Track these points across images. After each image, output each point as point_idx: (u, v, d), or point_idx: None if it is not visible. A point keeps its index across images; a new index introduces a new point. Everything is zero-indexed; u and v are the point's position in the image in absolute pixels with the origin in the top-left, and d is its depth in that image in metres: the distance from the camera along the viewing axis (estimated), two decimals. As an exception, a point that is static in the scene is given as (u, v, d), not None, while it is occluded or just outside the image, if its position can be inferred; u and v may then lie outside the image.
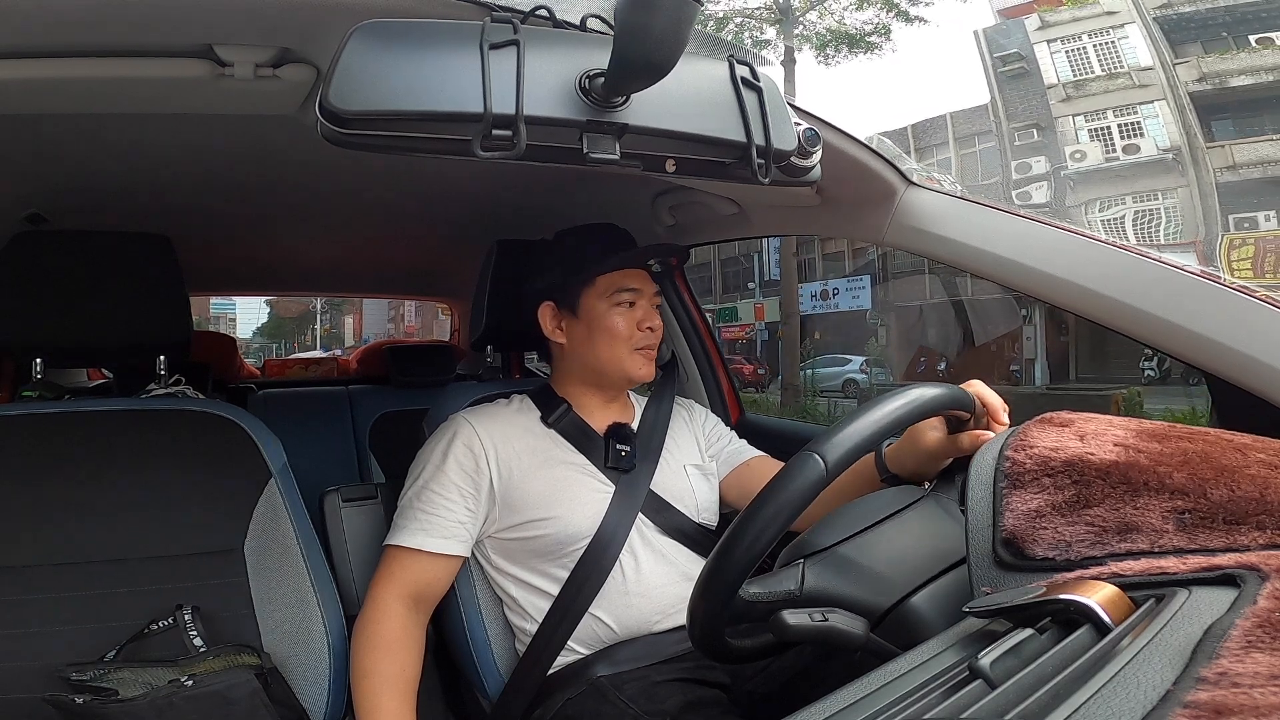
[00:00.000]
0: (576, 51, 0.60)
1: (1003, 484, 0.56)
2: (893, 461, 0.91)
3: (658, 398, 1.15)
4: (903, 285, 14.37)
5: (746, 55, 0.67)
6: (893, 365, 13.24)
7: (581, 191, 1.37)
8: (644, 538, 1.01)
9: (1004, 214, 0.92)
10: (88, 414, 1.01)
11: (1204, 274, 0.77)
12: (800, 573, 0.66)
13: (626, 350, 1.03)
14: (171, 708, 0.80)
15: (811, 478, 0.61)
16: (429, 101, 0.55)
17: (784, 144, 0.67)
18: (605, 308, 1.03)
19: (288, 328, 28.00)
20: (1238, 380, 0.72)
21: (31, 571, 0.91)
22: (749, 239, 2.73)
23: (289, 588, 0.98)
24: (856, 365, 13.16)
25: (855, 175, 0.95)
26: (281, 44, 0.73)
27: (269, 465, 1.03)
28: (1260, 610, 0.37)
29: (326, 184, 1.32)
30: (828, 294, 15.20)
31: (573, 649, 0.98)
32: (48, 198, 1.24)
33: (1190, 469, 0.53)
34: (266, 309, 24.95)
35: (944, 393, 0.73)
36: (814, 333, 15.35)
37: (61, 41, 0.70)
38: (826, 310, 15.14)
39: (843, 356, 13.71)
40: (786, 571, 0.67)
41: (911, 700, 0.40)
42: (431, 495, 0.98)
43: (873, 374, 12.73)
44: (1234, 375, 0.72)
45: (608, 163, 0.61)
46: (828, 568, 0.67)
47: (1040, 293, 0.87)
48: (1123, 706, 0.33)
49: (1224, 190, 11.76)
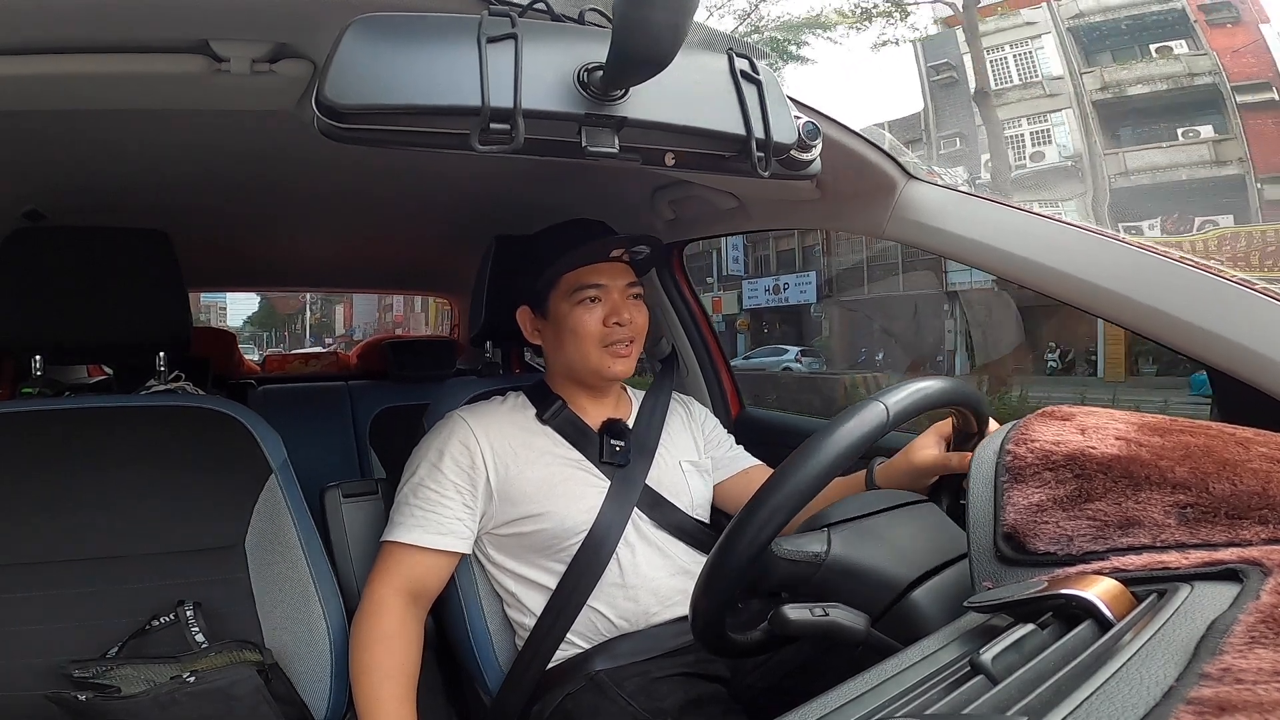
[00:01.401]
0: (575, 45, 0.59)
1: (1004, 478, 0.56)
2: (882, 476, 0.94)
3: (655, 393, 1.15)
4: (843, 280, 15.46)
5: (746, 49, 0.67)
6: (832, 355, 14.38)
7: (580, 186, 1.36)
8: (640, 532, 1.01)
9: (1005, 208, 0.92)
10: (88, 410, 1.01)
11: (1205, 268, 0.76)
12: (828, 536, 0.67)
13: (595, 349, 1.01)
14: (174, 704, 0.80)
15: (873, 421, 0.63)
16: (427, 96, 0.55)
17: (783, 137, 0.66)
18: (568, 308, 1.01)
19: (278, 318, 28.80)
20: (1240, 374, 0.72)
21: (32, 568, 0.91)
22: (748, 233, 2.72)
23: (290, 583, 0.98)
24: (793, 355, 14.26)
25: (855, 169, 0.95)
26: (278, 39, 0.73)
27: (269, 461, 1.03)
28: (1263, 605, 0.37)
29: (325, 179, 1.31)
30: (779, 289, 16.17)
31: (572, 642, 0.98)
32: (46, 194, 1.24)
33: (1192, 463, 0.52)
34: (257, 299, 25.40)
35: (979, 396, 0.79)
36: (764, 325, 16.59)
37: (58, 37, 0.70)
38: (777, 304, 16.22)
39: (781, 347, 14.98)
40: (813, 535, 0.67)
41: (913, 695, 0.40)
42: (427, 492, 0.98)
43: (806, 363, 13.89)
44: (1236, 369, 0.72)
45: (606, 156, 0.61)
46: (855, 535, 0.68)
47: (1041, 286, 0.87)
48: (1125, 702, 0.33)
49: (1116, 196, 12.31)
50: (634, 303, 1.04)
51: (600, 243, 1.01)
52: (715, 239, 12.05)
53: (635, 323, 1.03)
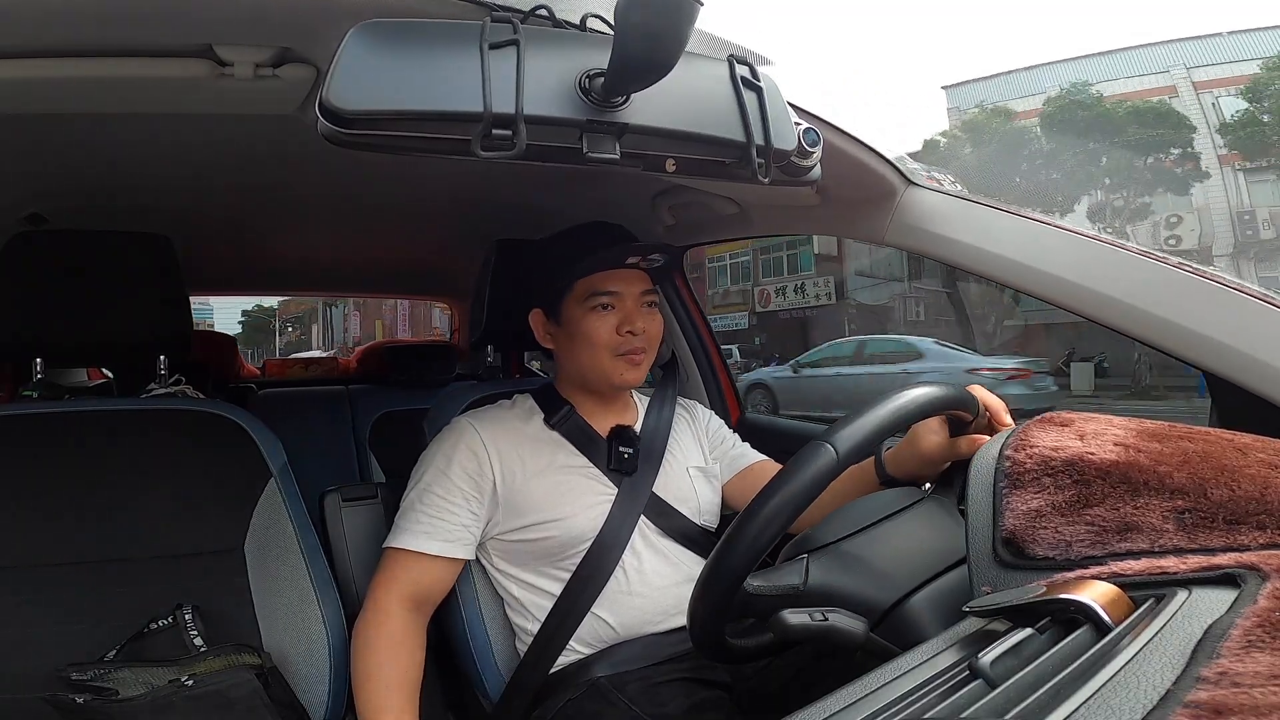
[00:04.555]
0: (576, 51, 0.60)
1: (1003, 483, 0.56)
2: (892, 464, 0.92)
3: (660, 399, 1.15)
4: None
5: (747, 55, 0.67)
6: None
7: (582, 191, 1.37)
8: (646, 540, 1.01)
9: (1005, 214, 0.92)
10: (88, 414, 1.01)
11: (1205, 273, 0.76)
12: (804, 567, 0.66)
13: (608, 356, 1.00)
14: (172, 707, 0.80)
15: (823, 467, 0.61)
16: (429, 101, 0.55)
17: (784, 143, 0.67)
18: (582, 313, 1.00)
19: (258, 337, 30.67)
20: (1238, 380, 0.72)
21: (31, 571, 0.91)
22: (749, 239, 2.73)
23: (289, 587, 0.98)
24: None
25: (855, 175, 0.95)
26: (281, 43, 0.73)
27: (269, 465, 1.03)
28: (1260, 610, 0.37)
29: (327, 184, 1.32)
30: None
31: (574, 649, 0.98)
32: (47, 198, 1.24)
33: (1190, 469, 0.52)
34: (239, 322, 27.32)
35: (951, 392, 0.74)
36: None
37: (61, 41, 0.70)
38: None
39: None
40: (791, 566, 0.67)
41: (911, 700, 0.40)
42: (434, 498, 0.97)
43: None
44: (1234, 375, 0.72)
45: (607, 162, 0.61)
46: (833, 563, 0.67)
47: (1041, 292, 0.87)
48: (1123, 706, 0.33)
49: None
50: (648, 311, 1.02)
51: (618, 249, 0.99)
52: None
53: (649, 332, 1.01)
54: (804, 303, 17.37)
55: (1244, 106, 13.21)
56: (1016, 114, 15.22)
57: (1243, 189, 13.45)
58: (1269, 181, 13.26)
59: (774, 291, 17.92)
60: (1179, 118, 13.76)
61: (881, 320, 15.29)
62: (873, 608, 0.63)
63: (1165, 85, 14.45)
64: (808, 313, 17.15)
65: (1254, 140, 13.07)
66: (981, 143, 15.17)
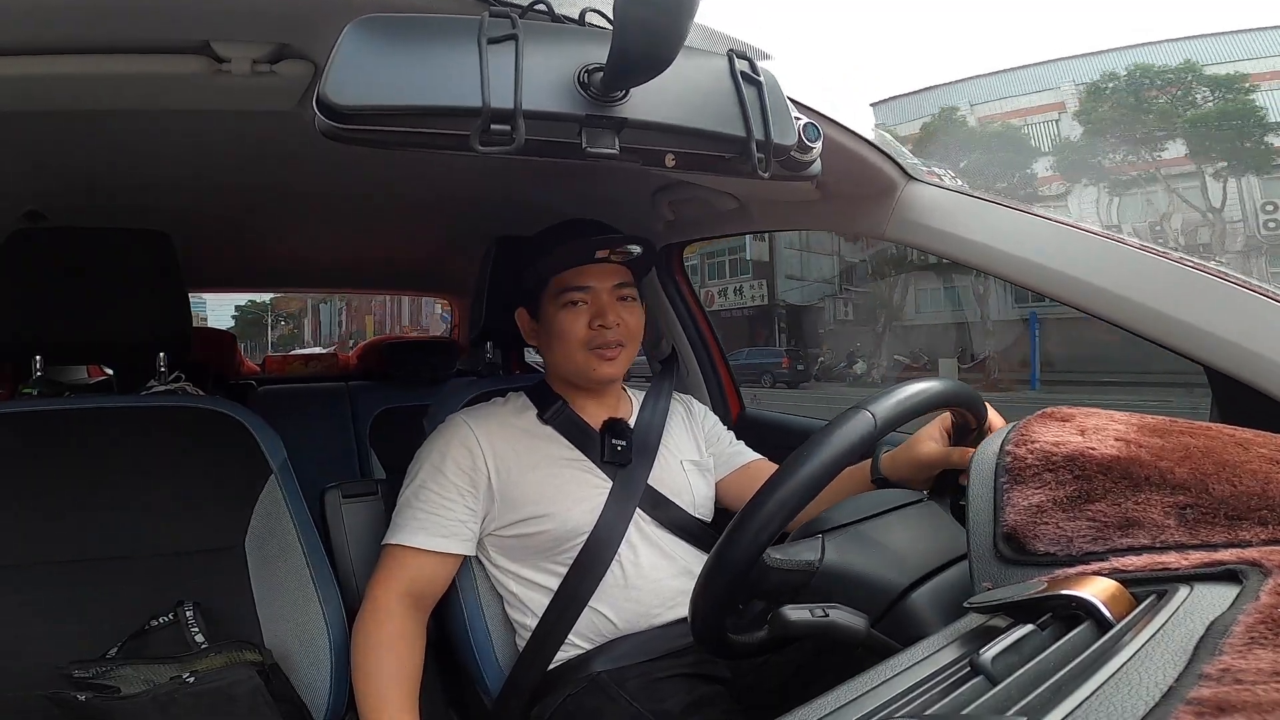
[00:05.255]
0: (575, 46, 0.59)
1: (1004, 479, 0.56)
2: (887, 466, 0.93)
3: (655, 393, 1.15)
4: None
5: (746, 50, 0.67)
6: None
7: (581, 187, 1.36)
8: (643, 533, 1.01)
9: (1005, 209, 0.92)
10: (88, 411, 1.01)
11: (1206, 269, 0.76)
12: (821, 544, 0.66)
13: (580, 351, 1.01)
14: (173, 704, 0.80)
15: (863, 430, 0.62)
16: (427, 96, 0.54)
17: (784, 138, 0.66)
18: (555, 310, 1.01)
19: (251, 332, 31.58)
20: (1239, 375, 0.72)
21: (32, 569, 0.91)
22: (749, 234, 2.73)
23: (290, 584, 0.98)
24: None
25: (856, 170, 0.95)
26: (278, 40, 0.73)
27: (269, 461, 1.03)
28: (1263, 606, 0.37)
29: (326, 180, 1.32)
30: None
31: (573, 643, 0.98)
32: (46, 195, 1.24)
33: (1192, 464, 0.52)
34: (232, 318, 27.86)
35: (972, 394, 0.78)
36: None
37: (58, 38, 0.70)
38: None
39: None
40: (807, 542, 0.67)
41: (912, 696, 0.40)
42: (429, 494, 0.97)
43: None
44: (1236, 370, 0.72)
45: (606, 157, 0.61)
46: (849, 543, 0.67)
47: (1041, 287, 0.87)
48: (1124, 703, 0.33)
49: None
50: (624, 304, 1.02)
51: (582, 243, 0.99)
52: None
53: (625, 325, 1.01)
54: (742, 303, 18.59)
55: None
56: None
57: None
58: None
59: (717, 293, 19.00)
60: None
61: (814, 321, 16.60)
62: (886, 590, 0.64)
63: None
64: (746, 312, 18.22)
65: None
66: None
